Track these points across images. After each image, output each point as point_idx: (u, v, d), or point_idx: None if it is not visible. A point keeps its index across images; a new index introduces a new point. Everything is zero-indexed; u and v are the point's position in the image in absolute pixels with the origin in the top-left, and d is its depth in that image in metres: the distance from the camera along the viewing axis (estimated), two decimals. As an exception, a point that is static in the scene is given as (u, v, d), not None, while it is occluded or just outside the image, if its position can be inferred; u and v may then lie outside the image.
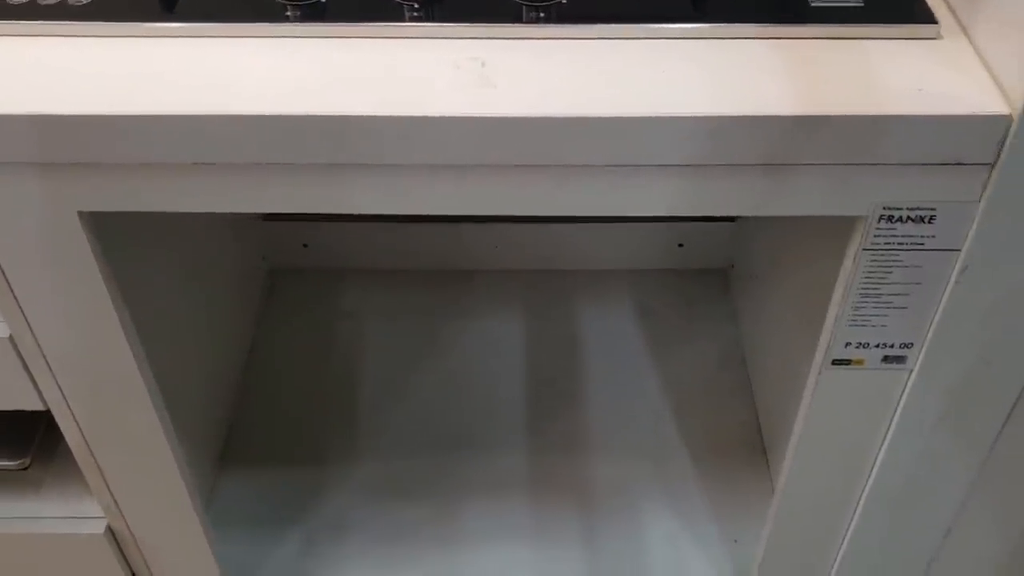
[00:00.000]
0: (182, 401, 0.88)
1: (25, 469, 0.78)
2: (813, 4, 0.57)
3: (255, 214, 1.15)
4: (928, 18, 0.56)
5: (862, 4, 0.57)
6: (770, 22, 0.56)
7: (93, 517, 0.79)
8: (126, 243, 0.67)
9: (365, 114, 0.51)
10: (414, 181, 0.54)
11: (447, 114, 0.51)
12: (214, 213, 0.57)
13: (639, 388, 1.07)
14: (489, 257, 1.20)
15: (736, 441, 1.02)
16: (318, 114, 0.51)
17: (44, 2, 0.58)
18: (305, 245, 1.19)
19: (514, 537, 0.94)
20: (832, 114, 0.50)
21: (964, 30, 0.56)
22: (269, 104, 0.52)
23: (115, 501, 0.78)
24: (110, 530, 0.80)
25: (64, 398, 0.67)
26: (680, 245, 1.18)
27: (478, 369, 1.09)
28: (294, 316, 1.16)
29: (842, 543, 0.78)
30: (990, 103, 0.51)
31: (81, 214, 0.57)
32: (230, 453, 1.01)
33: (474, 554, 0.93)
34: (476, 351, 1.11)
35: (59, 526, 0.80)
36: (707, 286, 1.18)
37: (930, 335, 0.61)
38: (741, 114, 0.51)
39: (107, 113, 0.51)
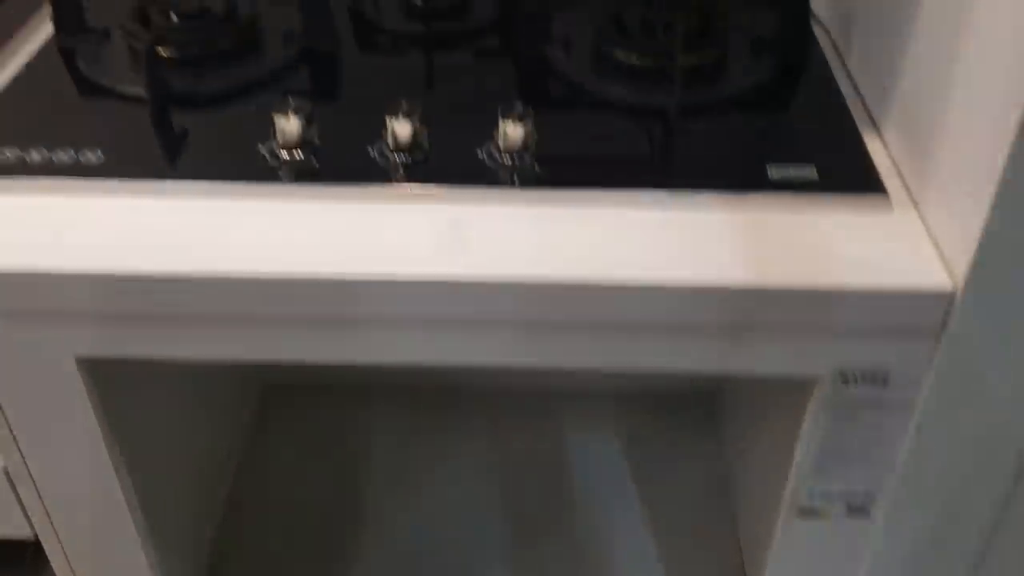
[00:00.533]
0: (169, 522, 0.90)
1: (11, 594, 0.79)
2: (771, 176, 0.61)
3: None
4: (879, 190, 0.60)
5: (816, 176, 0.61)
6: (731, 190, 0.60)
7: (76, 643, 0.80)
8: (121, 381, 0.70)
9: (344, 277, 0.55)
10: (394, 335, 0.58)
11: (423, 276, 0.54)
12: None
13: (622, 519, 1.08)
14: (479, 375, 1.22)
15: None
16: (302, 276, 0.55)
17: (59, 159, 0.62)
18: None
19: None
20: (785, 288, 0.54)
21: (914, 203, 0.60)
22: (255, 265, 0.55)
23: (98, 628, 0.79)
24: (92, 656, 0.81)
25: (53, 530, 0.69)
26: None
27: (462, 492, 1.10)
28: (285, 432, 1.18)
29: None
30: (934, 277, 0.54)
31: (78, 358, 0.60)
32: (217, 569, 1.02)
33: None
34: (461, 473, 1.13)
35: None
36: (694, 411, 1.19)
37: (893, 488, 0.63)
38: (700, 285, 0.54)
39: (103, 271, 0.55)
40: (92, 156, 0.62)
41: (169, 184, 0.61)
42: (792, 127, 0.67)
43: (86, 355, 0.60)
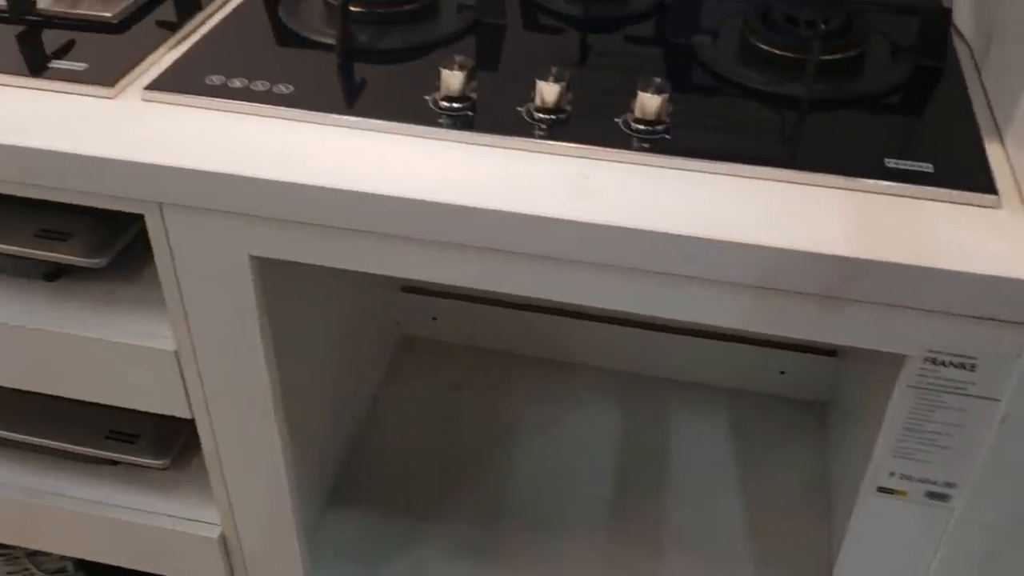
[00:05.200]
0: (304, 436, 1.00)
1: (165, 469, 0.91)
2: (888, 165, 0.65)
3: (395, 285, 1.29)
4: (990, 188, 0.63)
5: (932, 169, 0.64)
6: (846, 175, 0.64)
7: (210, 523, 0.91)
8: (283, 289, 0.80)
9: (479, 207, 0.62)
10: (516, 266, 0.65)
11: (546, 215, 0.61)
12: (360, 281, 0.67)
13: (719, 502, 1.12)
14: (597, 355, 1.28)
15: (806, 569, 1.04)
16: (444, 202, 0.63)
17: (256, 88, 0.72)
18: (434, 318, 1.31)
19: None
20: (878, 260, 0.57)
21: (1024, 204, 0.62)
22: (405, 189, 0.63)
23: (232, 512, 0.89)
24: (223, 538, 0.91)
25: (207, 409, 0.80)
26: (782, 372, 1.23)
27: (569, 455, 1.17)
28: (416, 379, 1.27)
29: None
30: (1026, 269, 0.57)
31: (251, 257, 0.70)
32: (339, 492, 1.12)
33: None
34: (570, 439, 1.19)
35: (180, 525, 0.92)
36: (803, 416, 1.22)
37: (973, 478, 0.66)
38: (800, 249, 0.59)
39: (280, 180, 0.64)
40: (284, 88, 0.72)
41: (345, 118, 0.70)
42: (917, 128, 0.70)
43: (257, 254, 0.70)
